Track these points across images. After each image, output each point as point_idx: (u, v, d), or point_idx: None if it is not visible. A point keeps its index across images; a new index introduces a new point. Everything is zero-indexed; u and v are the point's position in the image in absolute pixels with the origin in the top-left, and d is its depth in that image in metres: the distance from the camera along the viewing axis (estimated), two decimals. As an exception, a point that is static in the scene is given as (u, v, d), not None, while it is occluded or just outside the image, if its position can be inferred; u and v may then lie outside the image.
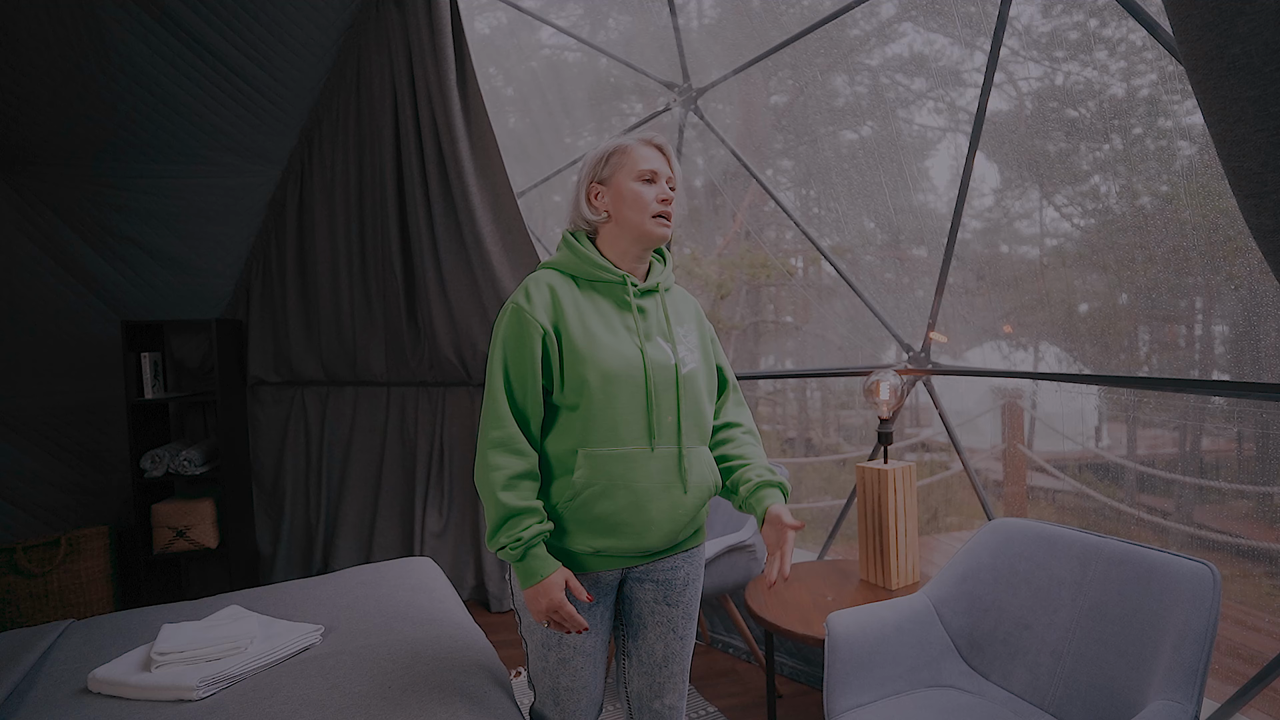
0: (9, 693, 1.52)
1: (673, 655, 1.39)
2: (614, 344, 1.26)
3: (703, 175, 3.88)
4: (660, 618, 1.37)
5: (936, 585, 1.77)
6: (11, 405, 3.25)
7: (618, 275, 1.30)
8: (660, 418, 1.27)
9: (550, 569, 1.20)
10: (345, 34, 2.99)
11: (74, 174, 3.03)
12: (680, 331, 1.34)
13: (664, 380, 1.28)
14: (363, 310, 3.45)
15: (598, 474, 1.23)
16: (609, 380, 1.23)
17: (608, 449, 1.24)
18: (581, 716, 1.37)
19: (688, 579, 1.39)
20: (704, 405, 1.34)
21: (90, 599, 3.14)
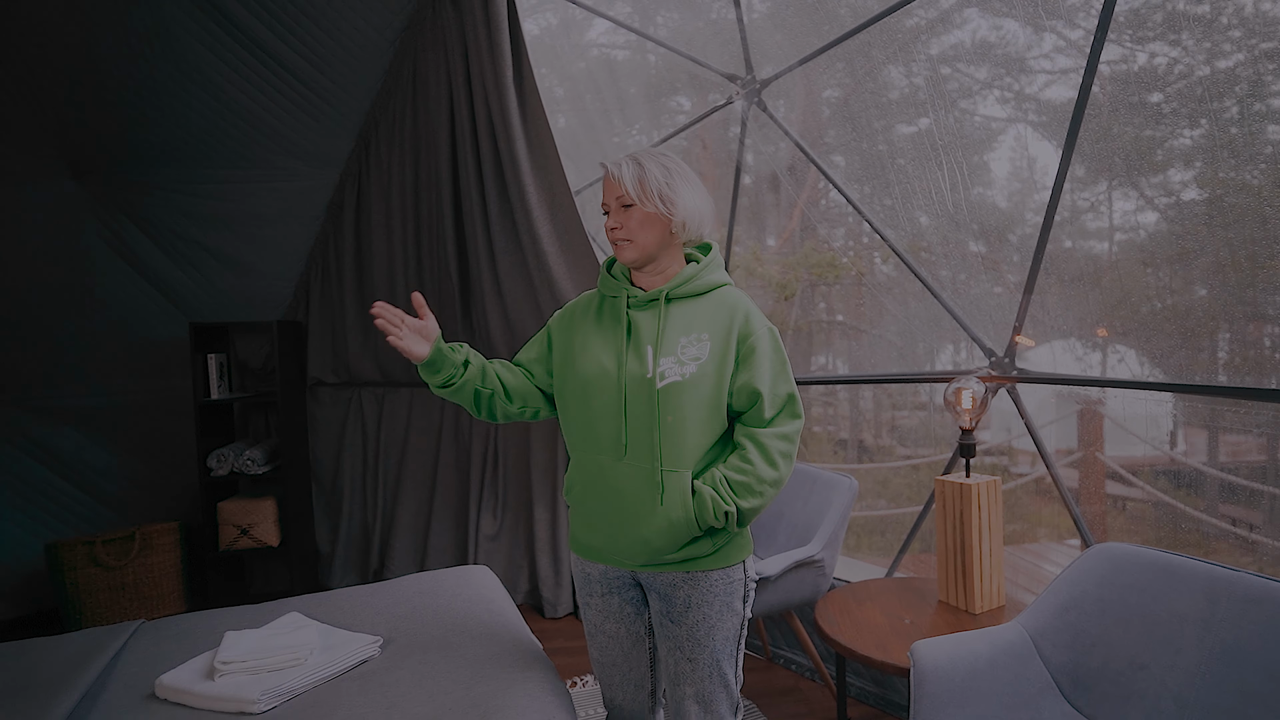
0: (81, 695, 1.53)
1: (683, 675, 1.39)
2: (597, 352, 1.36)
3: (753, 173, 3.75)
4: (668, 634, 1.39)
5: (1033, 615, 1.62)
6: (90, 403, 3.37)
7: (618, 291, 1.39)
8: (634, 428, 1.30)
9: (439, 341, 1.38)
10: (401, 35, 2.98)
11: (146, 181, 3.11)
12: (684, 341, 1.32)
13: (640, 391, 1.30)
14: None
15: (581, 474, 1.38)
16: (582, 386, 1.35)
17: (587, 455, 1.37)
18: (617, 692, 1.51)
19: (690, 602, 1.35)
20: (691, 423, 1.30)
21: (162, 593, 3.23)
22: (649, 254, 1.36)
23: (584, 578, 1.45)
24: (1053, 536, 4.24)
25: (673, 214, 1.33)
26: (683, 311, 1.35)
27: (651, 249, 1.35)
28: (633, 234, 1.33)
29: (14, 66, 2.70)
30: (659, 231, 1.34)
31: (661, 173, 1.32)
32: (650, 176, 1.32)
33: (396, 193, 3.24)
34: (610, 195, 1.35)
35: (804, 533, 2.45)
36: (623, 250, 1.35)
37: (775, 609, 2.23)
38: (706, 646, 1.36)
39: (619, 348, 1.34)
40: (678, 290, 1.35)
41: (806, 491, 2.56)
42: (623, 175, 1.32)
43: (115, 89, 2.83)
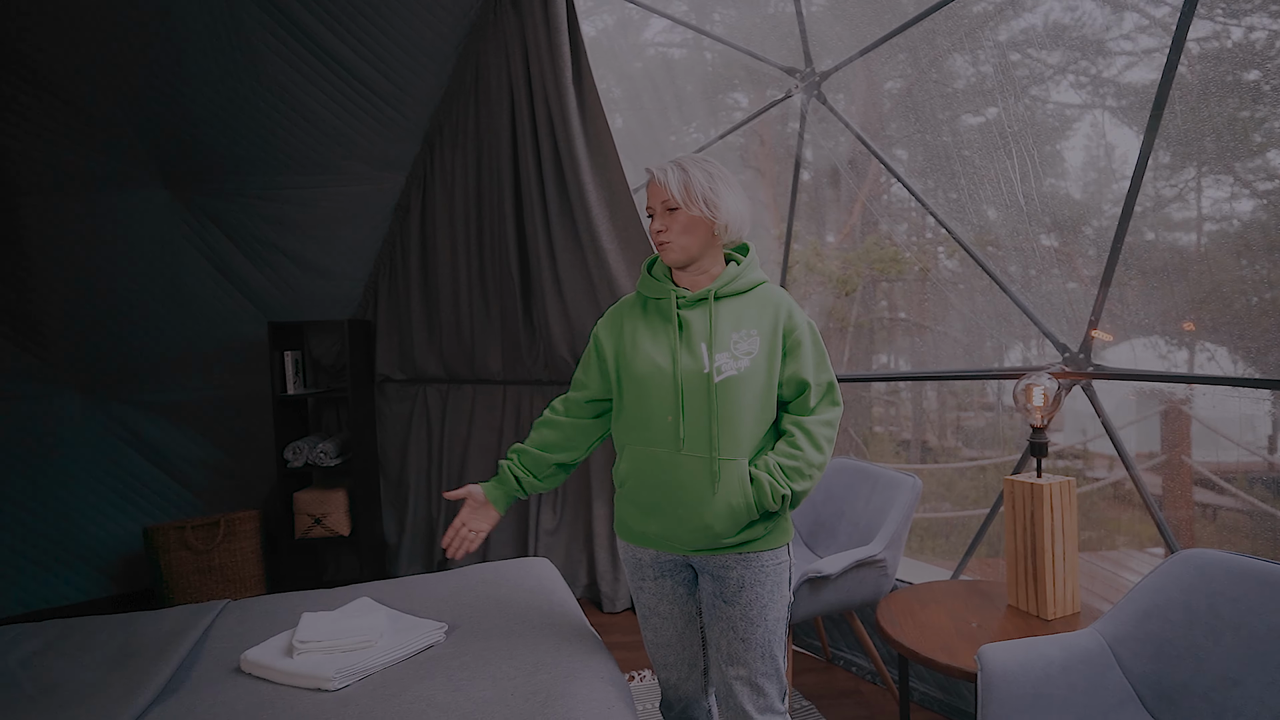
0: (178, 665, 1.64)
1: (736, 655, 1.43)
2: (649, 350, 1.42)
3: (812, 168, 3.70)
4: (720, 614, 1.44)
5: (1112, 621, 1.54)
6: (180, 398, 3.60)
7: (665, 292, 1.44)
8: (690, 421, 1.36)
9: (488, 486, 1.56)
10: (464, 40, 3.06)
11: (230, 189, 3.30)
12: (735, 337, 1.39)
13: (695, 386, 1.36)
14: (480, 310, 3.54)
15: (633, 468, 1.43)
16: (637, 383, 1.42)
17: (642, 447, 1.42)
18: (673, 673, 1.56)
19: (744, 582, 1.41)
20: (746, 414, 1.37)
21: (244, 576, 3.42)
22: (693, 255, 1.42)
23: (635, 563, 1.52)
24: (1133, 544, 4.02)
25: (716, 217, 1.39)
26: (730, 309, 1.42)
27: (695, 251, 1.41)
28: (677, 236, 1.39)
29: (119, 87, 2.91)
30: (703, 234, 1.40)
31: (705, 177, 1.38)
32: (695, 181, 1.37)
33: (460, 194, 3.34)
34: (655, 199, 1.41)
35: (865, 532, 2.40)
36: (668, 252, 1.42)
37: (835, 608, 2.19)
38: (759, 626, 1.41)
39: (671, 345, 1.40)
40: (724, 289, 1.42)
41: (868, 490, 2.51)
42: (668, 180, 1.38)
43: (204, 103, 3.01)
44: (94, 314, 3.33)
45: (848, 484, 2.61)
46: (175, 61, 2.87)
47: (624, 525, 1.50)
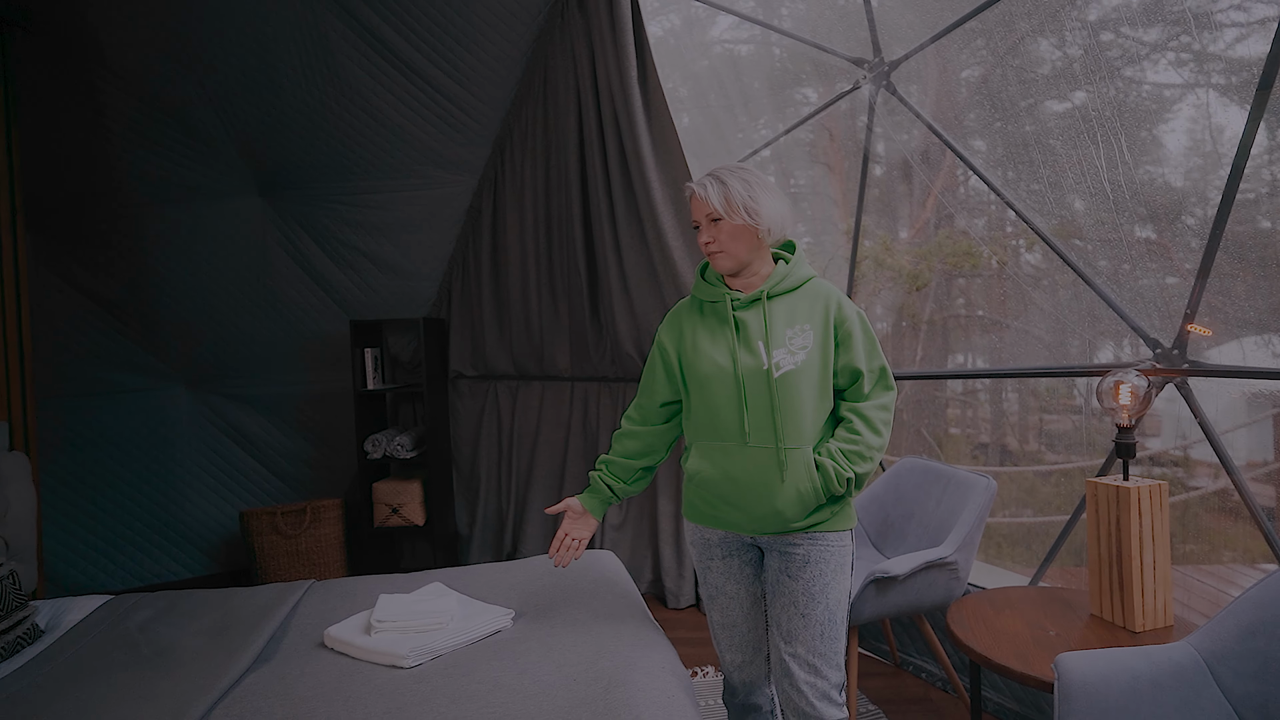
0: (268, 638, 1.77)
1: (795, 632, 1.47)
2: (709, 352, 1.50)
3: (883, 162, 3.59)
4: (783, 590, 1.49)
5: (1209, 636, 1.44)
6: (272, 391, 3.85)
7: (720, 295, 1.52)
8: (754, 416, 1.44)
9: (584, 496, 1.67)
10: (533, 44, 3.14)
11: (315, 194, 3.51)
12: (790, 333, 1.46)
13: (756, 383, 1.44)
14: (549, 308, 3.62)
15: (704, 462, 1.50)
16: (701, 383, 1.50)
17: (710, 442, 1.50)
18: (738, 654, 1.61)
19: (809, 558, 1.47)
20: (806, 405, 1.44)
21: (328, 561, 3.62)
22: (742, 261, 1.49)
23: (704, 544, 1.59)
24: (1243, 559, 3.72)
25: (759, 222, 1.46)
26: (783, 306, 1.49)
27: (744, 256, 1.49)
28: (725, 245, 1.47)
29: (220, 106, 3.14)
30: (748, 240, 1.47)
31: (743, 186, 1.45)
32: (734, 191, 1.44)
33: (529, 195, 3.43)
34: (699, 213, 1.49)
35: (936, 533, 2.33)
36: (718, 260, 1.50)
37: (903, 611, 2.14)
38: (820, 603, 1.46)
39: (730, 345, 1.48)
40: (776, 289, 1.49)
41: (940, 491, 2.42)
42: (709, 194, 1.45)
43: (294, 117, 3.21)
44: (198, 313, 3.61)
45: (918, 484, 2.53)
46: (270, 80, 3.08)
47: (693, 509, 1.58)
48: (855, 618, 2.07)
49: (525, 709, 1.38)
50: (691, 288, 2.93)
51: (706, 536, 1.57)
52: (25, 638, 1.82)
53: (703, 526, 1.57)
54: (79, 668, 1.67)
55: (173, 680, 1.55)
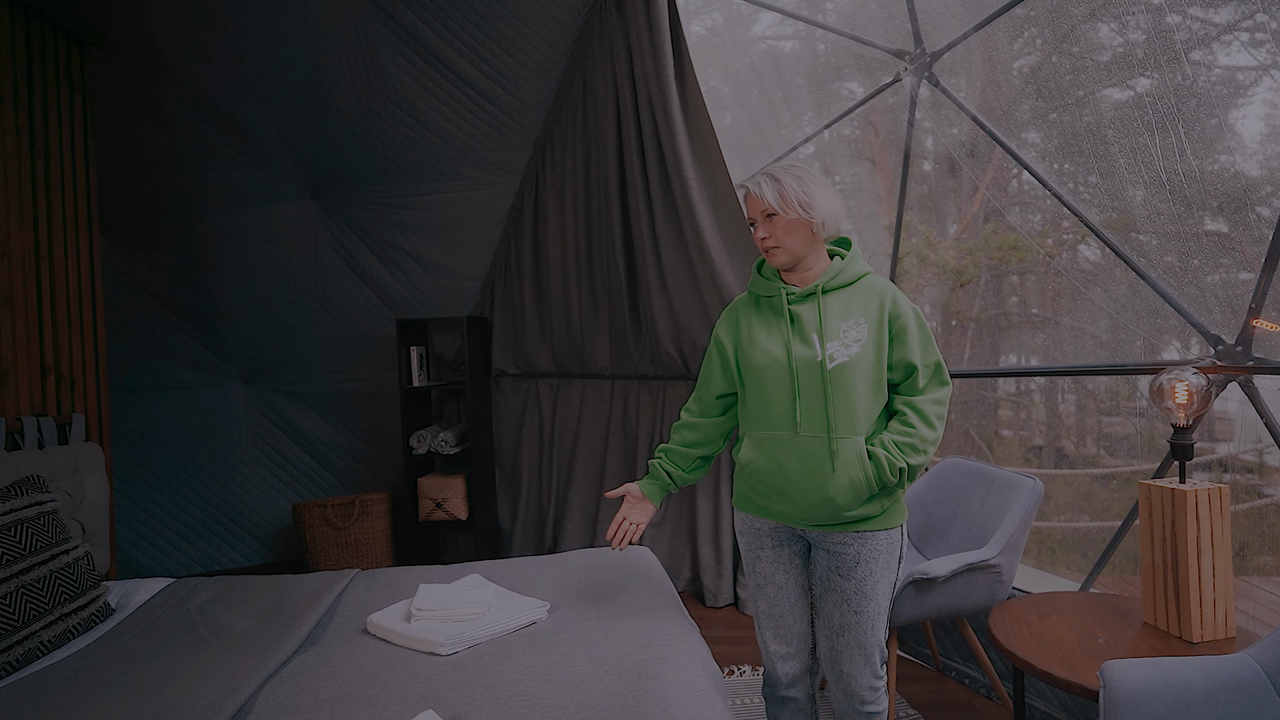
0: (315, 623, 1.84)
1: (847, 626, 1.53)
2: (764, 344, 1.54)
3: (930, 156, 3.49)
4: (834, 587, 1.54)
5: (1270, 648, 1.37)
6: (323, 389, 3.99)
7: (775, 289, 1.56)
8: (806, 406, 1.48)
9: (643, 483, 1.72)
10: (573, 46, 3.18)
11: (364, 197, 3.62)
12: (844, 326, 1.49)
13: (810, 374, 1.48)
14: (589, 307, 3.66)
15: (756, 451, 1.55)
16: (755, 374, 1.55)
17: (762, 432, 1.54)
18: (784, 646, 1.64)
19: (859, 557, 1.51)
20: (859, 396, 1.47)
21: (374, 553, 3.74)
22: (798, 255, 1.53)
23: (754, 533, 1.63)
24: (1329, 572, 3.49)
25: (813, 217, 1.50)
26: (838, 300, 1.52)
27: (800, 250, 1.53)
28: (781, 241, 1.52)
29: (276, 115, 3.28)
30: (803, 235, 1.52)
31: (797, 183, 1.49)
32: (788, 187, 1.49)
33: (569, 195, 3.47)
34: (755, 210, 1.54)
35: (979, 535, 2.27)
36: (774, 256, 1.54)
37: (944, 613, 2.09)
38: (870, 600, 1.52)
39: (785, 338, 1.53)
40: (831, 283, 1.53)
41: (983, 492, 2.36)
42: (764, 191, 1.50)
43: (344, 124, 3.33)
44: (254, 313, 3.77)
45: (961, 485, 2.47)
46: (322, 88, 3.20)
47: (744, 499, 1.63)
48: (894, 619, 2.04)
49: (557, 698, 1.41)
50: (731, 284, 2.94)
51: (757, 526, 1.62)
52: (98, 615, 1.94)
53: (753, 516, 1.62)
54: (144, 644, 1.77)
55: (227, 658, 1.63)
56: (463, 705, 1.39)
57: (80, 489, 2.46)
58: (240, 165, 3.43)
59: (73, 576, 1.91)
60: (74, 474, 2.46)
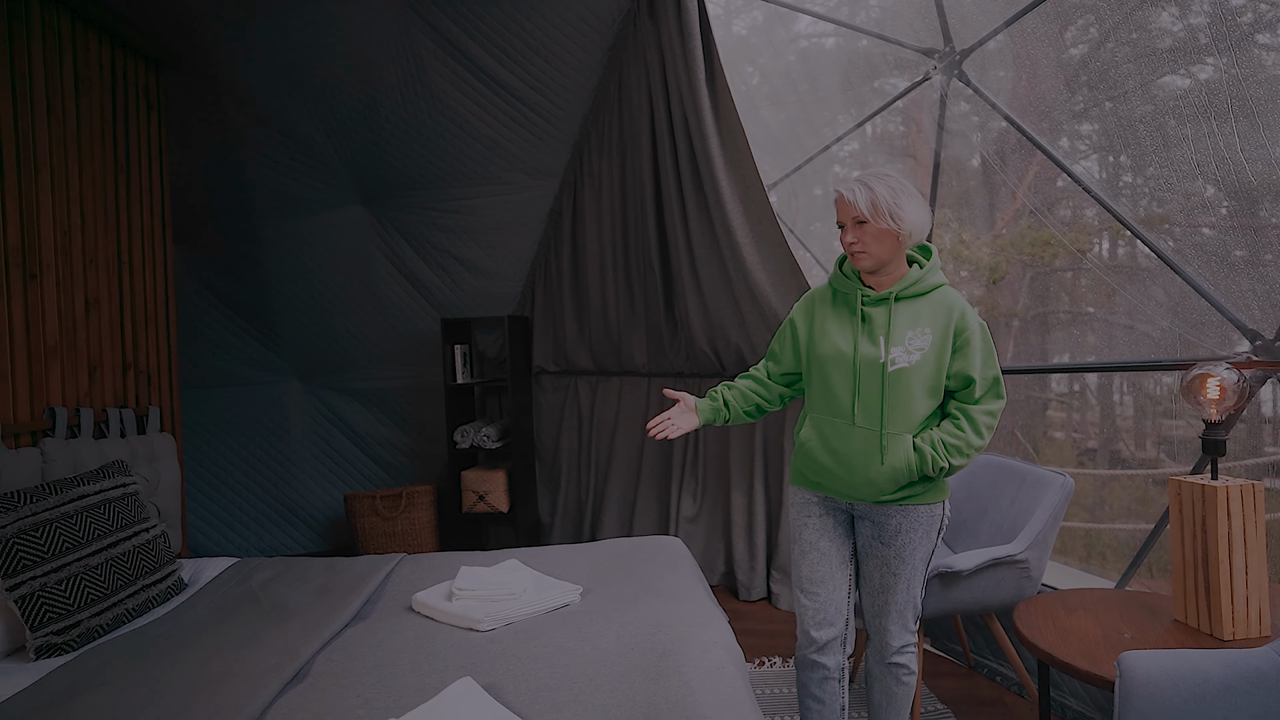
0: (364, 601, 1.98)
1: (887, 585, 1.69)
2: (834, 338, 1.65)
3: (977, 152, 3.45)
4: (875, 554, 1.69)
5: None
6: (373, 385, 4.19)
7: (852, 289, 1.65)
8: (864, 400, 1.59)
9: (700, 399, 1.82)
10: (608, 53, 3.28)
11: (411, 202, 3.80)
12: (910, 334, 1.58)
13: (871, 372, 1.59)
14: (626, 306, 3.75)
15: (814, 433, 1.68)
16: (820, 363, 1.67)
17: (822, 416, 1.67)
18: (817, 606, 1.72)
19: (900, 527, 1.64)
20: (915, 399, 1.58)
21: (420, 543, 3.91)
22: (882, 261, 1.60)
23: (804, 504, 1.76)
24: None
25: (901, 227, 1.56)
26: (909, 309, 1.61)
27: (885, 257, 1.60)
28: (868, 247, 1.58)
29: (329, 125, 3.48)
30: (890, 243, 1.58)
31: (889, 193, 1.55)
32: (880, 197, 1.55)
33: (606, 196, 3.57)
34: (845, 215, 1.60)
35: (1009, 531, 2.27)
36: (860, 260, 1.61)
37: (970, 609, 2.11)
38: (908, 563, 1.66)
39: (854, 335, 1.63)
40: (905, 292, 1.61)
41: (1014, 489, 2.36)
42: (856, 198, 1.56)
43: (391, 132, 3.50)
44: (310, 314, 3.99)
45: (991, 481, 2.47)
46: (371, 99, 3.38)
47: (799, 474, 1.77)
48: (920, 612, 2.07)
49: (585, 670, 1.50)
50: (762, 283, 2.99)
51: (806, 497, 1.76)
52: (173, 588, 2.13)
53: (805, 490, 1.76)
54: (213, 615, 1.94)
55: (286, 629, 1.77)
56: (498, 675, 1.50)
57: (156, 475, 2.67)
58: (297, 175, 3.64)
59: (152, 552, 2.10)
60: (150, 461, 2.67)
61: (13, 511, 1.79)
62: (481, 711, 1.31)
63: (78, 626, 1.80)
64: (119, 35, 2.74)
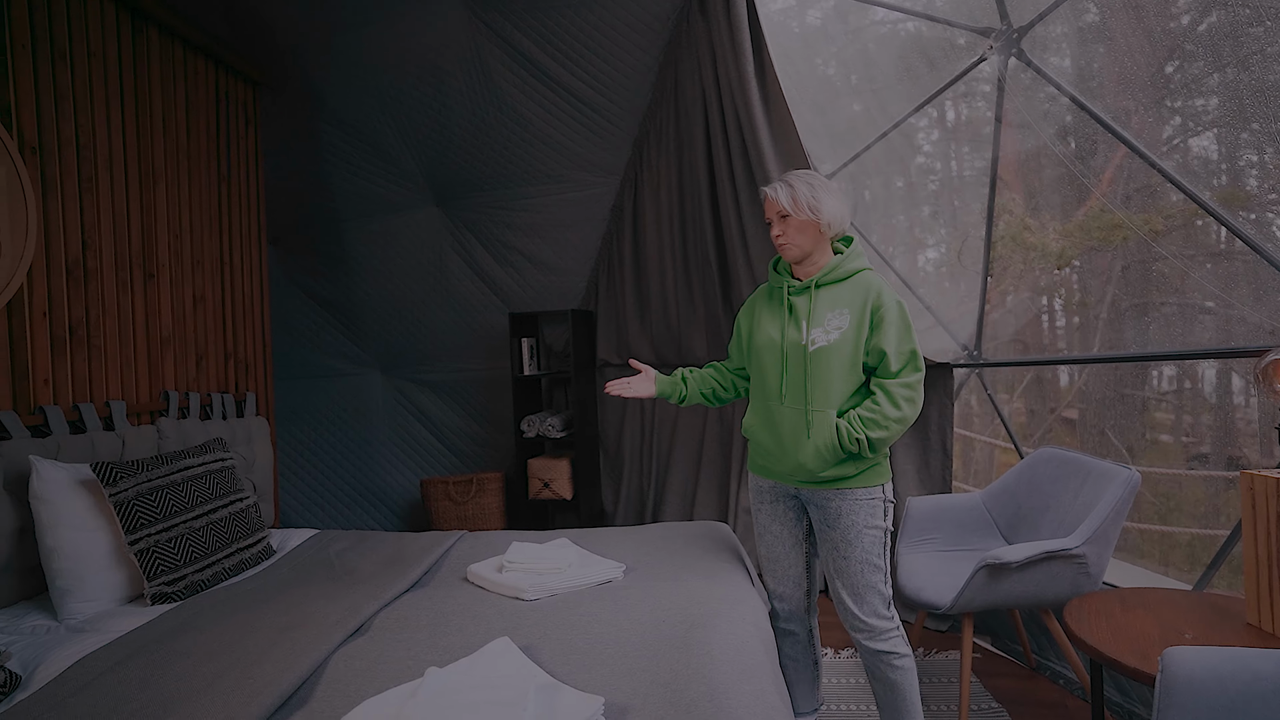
0: (425, 571, 2.14)
1: (840, 569, 1.76)
2: (767, 328, 1.81)
3: (1073, 133, 3.28)
4: (825, 538, 1.78)
5: (1348, 638, 1.28)
6: (447, 376, 4.43)
7: (781, 283, 1.82)
8: (790, 381, 1.73)
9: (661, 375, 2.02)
10: (664, 51, 3.35)
11: (480, 202, 4.00)
12: (830, 315, 1.71)
13: (795, 354, 1.73)
14: (685, 299, 3.81)
15: (754, 418, 1.84)
16: (757, 352, 1.83)
17: (760, 401, 1.82)
18: (781, 585, 1.91)
19: (840, 510, 1.74)
20: (834, 376, 1.69)
21: (489, 526, 4.11)
22: (806, 251, 1.77)
23: (758, 490, 1.92)
24: None
25: (820, 218, 1.73)
26: (829, 294, 1.75)
27: (808, 247, 1.77)
28: (791, 239, 1.76)
29: (404, 131, 3.72)
30: (811, 234, 1.75)
31: (808, 189, 1.73)
32: (800, 193, 1.73)
33: (664, 191, 3.65)
34: (771, 211, 1.79)
35: (1070, 527, 2.19)
36: (786, 251, 1.78)
37: (1021, 603, 2.05)
38: (856, 546, 1.73)
39: (781, 323, 1.79)
40: (824, 278, 1.75)
41: (1077, 484, 2.27)
42: (779, 195, 1.76)
43: (461, 135, 3.71)
44: (390, 309, 4.27)
45: (1053, 476, 2.38)
46: (442, 105, 3.59)
47: (751, 460, 1.93)
48: (965, 605, 2.03)
49: (617, 637, 1.59)
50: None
51: (760, 484, 1.91)
52: (263, 553, 2.37)
53: (757, 475, 1.91)
54: (294, 577, 2.15)
55: (354, 591, 1.95)
56: (536, 637, 1.61)
57: (252, 454, 2.96)
58: (376, 178, 3.91)
59: (245, 520, 2.35)
60: (248, 441, 2.97)
61: (132, 477, 2.05)
62: (515, 666, 1.42)
63: (184, 580, 2.04)
64: (223, 60, 3.05)
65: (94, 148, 2.39)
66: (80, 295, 2.33)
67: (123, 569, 2.03)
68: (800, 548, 1.89)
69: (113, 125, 2.48)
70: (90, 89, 2.39)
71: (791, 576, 1.90)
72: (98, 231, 2.39)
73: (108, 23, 2.48)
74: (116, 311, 2.46)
